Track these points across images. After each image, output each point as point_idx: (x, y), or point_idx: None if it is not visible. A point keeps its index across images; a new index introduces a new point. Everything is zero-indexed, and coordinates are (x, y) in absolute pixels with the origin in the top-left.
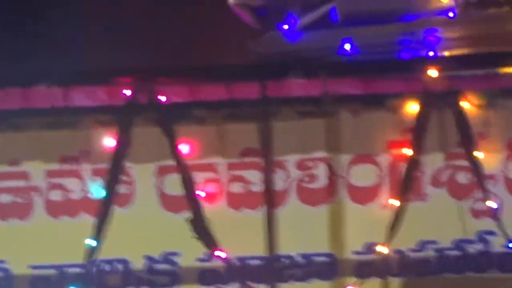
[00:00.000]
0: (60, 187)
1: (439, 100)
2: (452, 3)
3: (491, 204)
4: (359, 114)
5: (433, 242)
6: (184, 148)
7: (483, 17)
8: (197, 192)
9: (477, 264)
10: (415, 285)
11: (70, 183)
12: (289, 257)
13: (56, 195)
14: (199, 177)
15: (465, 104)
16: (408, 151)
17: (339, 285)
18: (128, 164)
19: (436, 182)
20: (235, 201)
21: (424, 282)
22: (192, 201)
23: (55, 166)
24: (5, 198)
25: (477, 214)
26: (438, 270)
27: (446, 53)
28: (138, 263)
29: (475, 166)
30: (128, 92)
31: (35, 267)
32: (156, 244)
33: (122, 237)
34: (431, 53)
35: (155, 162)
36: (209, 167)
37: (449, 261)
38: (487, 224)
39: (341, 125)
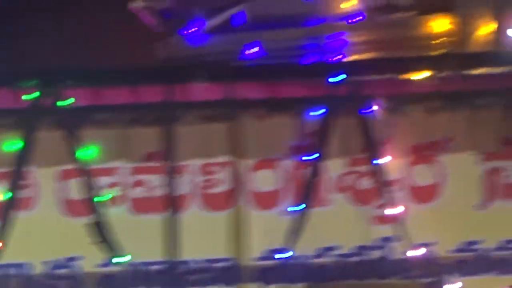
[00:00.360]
0: None
1: (343, 105)
2: (358, 7)
3: (394, 210)
4: (263, 118)
5: (335, 248)
6: (87, 152)
7: (389, 22)
8: (100, 196)
9: (378, 270)
10: None
11: None
12: (191, 262)
13: None
14: (102, 181)
15: (369, 109)
16: (311, 156)
17: None
18: (31, 168)
19: (338, 187)
20: (138, 206)
21: None
22: (94, 205)
23: None
24: None
25: (379, 220)
26: (339, 276)
27: (351, 58)
28: (39, 268)
29: (378, 172)
30: (31, 95)
31: None
32: (58, 248)
33: (24, 241)
34: (336, 58)
35: (58, 166)
36: (112, 171)
37: (350, 267)
38: (389, 230)
39: (244, 129)
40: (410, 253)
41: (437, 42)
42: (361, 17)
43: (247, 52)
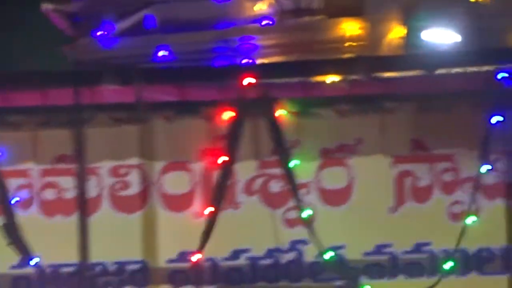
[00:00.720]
0: None
1: (253, 108)
2: (269, 11)
3: (305, 213)
4: (173, 121)
5: (246, 250)
6: None
7: (299, 25)
8: (10, 198)
9: (289, 273)
10: None
11: None
12: (102, 265)
13: None
14: (12, 183)
15: (279, 112)
16: (222, 159)
17: None
18: None
19: (249, 190)
20: (48, 208)
21: None
22: (4, 207)
23: None
24: None
25: (289, 222)
26: (251, 278)
27: (261, 61)
28: None
29: (288, 174)
30: None
31: None
32: None
33: None
34: (246, 61)
35: None
36: (22, 173)
37: (261, 270)
38: (300, 233)
39: (155, 132)
40: (322, 256)
41: (347, 45)
42: (271, 21)
43: (157, 54)
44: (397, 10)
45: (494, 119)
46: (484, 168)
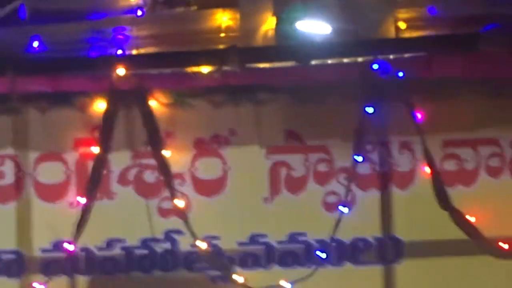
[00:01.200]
0: None
1: (126, 99)
2: (140, 1)
3: (178, 203)
4: (47, 111)
5: (120, 240)
6: None
7: (172, 16)
8: None
9: (164, 263)
10: (102, 283)
11: None
12: None
13: None
14: None
15: (153, 103)
16: (96, 149)
17: (26, 282)
18: None
19: (123, 180)
20: None
21: (112, 281)
22: None
23: None
24: None
25: (164, 213)
26: (126, 268)
27: (134, 52)
28: None
29: (162, 164)
30: None
31: None
32: None
33: None
34: (119, 52)
35: None
36: None
37: (136, 260)
38: (174, 223)
39: (28, 122)
40: (196, 246)
41: (220, 36)
42: (144, 12)
43: (31, 45)
44: (270, 1)
45: (368, 110)
46: (358, 159)
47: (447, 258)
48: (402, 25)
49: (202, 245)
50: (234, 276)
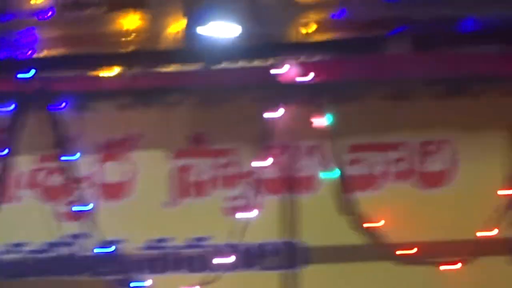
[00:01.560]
0: None
1: (32, 101)
2: (49, 3)
3: (83, 207)
4: None
5: (23, 244)
6: None
7: (79, 18)
8: None
9: (66, 267)
10: (8, 287)
11: None
12: None
13: None
14: None
15: (59, 106)
16: (1, 152)
17: None
18: None
19: (28, 184)
20: None
21: (16, 285)
22: None
23: None
24: None
25: (68, 216)
26: (28, 272)
27: (41, 54)
28: None
29: (67, 168)
30: None
31: None
32: None
33: None
34: (26, 53)
35: None
36: None
37: (39, 264)
38: (78, 227)
39: None
40: (98, 250)
41: (127, 39)
42: (52, 14)
43: None
44: (178, 3)
45: (273, 113)
46: (264, 163)
47: (350, 264)
48: (310, 28)
49: (105, 249)
50: (136, 281)
